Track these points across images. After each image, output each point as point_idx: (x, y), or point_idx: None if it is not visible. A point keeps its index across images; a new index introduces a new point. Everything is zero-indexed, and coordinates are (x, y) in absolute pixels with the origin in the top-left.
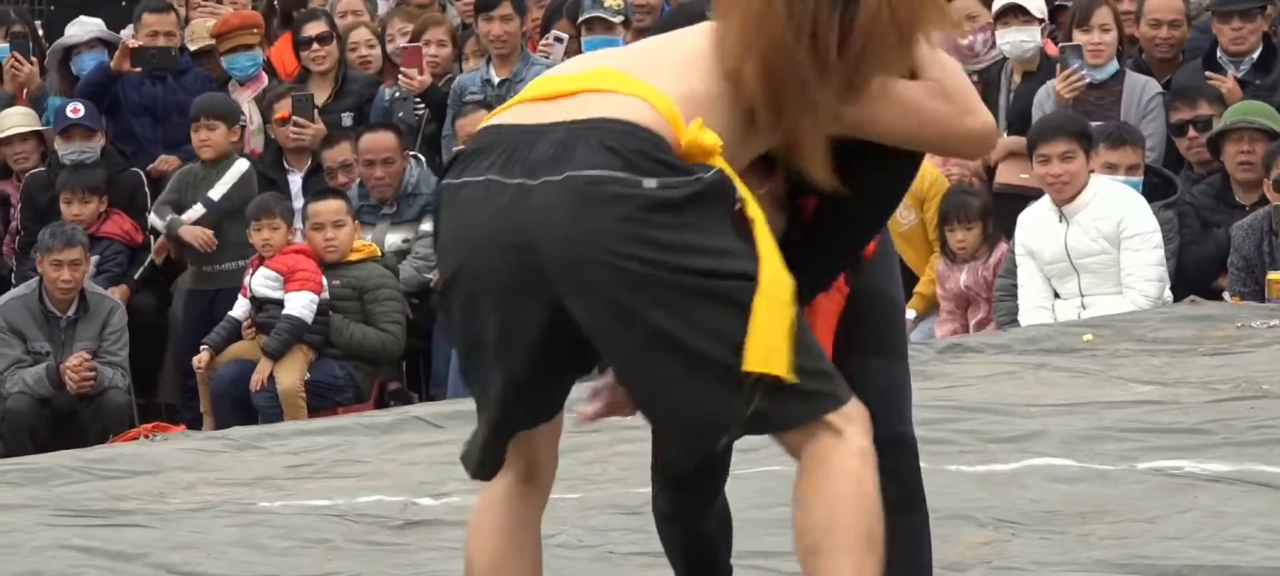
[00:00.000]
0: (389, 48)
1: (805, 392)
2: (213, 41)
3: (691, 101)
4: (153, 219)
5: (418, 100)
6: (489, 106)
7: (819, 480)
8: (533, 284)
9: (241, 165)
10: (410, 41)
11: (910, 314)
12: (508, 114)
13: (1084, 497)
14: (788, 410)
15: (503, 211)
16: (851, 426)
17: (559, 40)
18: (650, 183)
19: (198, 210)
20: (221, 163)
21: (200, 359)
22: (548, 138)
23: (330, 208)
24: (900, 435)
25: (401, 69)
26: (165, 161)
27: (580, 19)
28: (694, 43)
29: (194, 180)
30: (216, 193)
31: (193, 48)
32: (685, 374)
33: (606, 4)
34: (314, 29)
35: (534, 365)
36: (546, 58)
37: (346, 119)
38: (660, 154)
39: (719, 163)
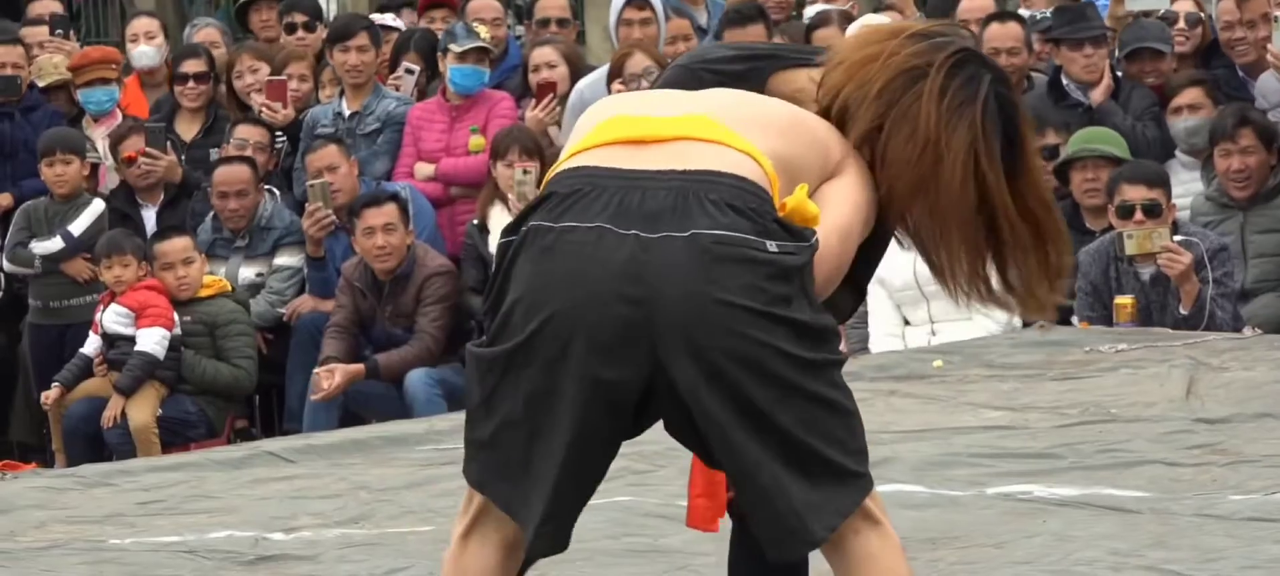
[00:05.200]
0: (237, 84)
1: (857, 474)
2: (64, 76)
3: (781, 164)
4: (7, 265)
5: (280, 133)
6: (339, 140)
7: None
8: (638, 341)
9: (98, 204)
10: (272, 75)
11: None
12: (597, 155)
13: (934, 523)
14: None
15: (620, 263)
16: (884, 512)
17: (410, 72)
18: (773, 246)
19: (57, 243)
20: (74, 199)
21: (49, 395)
22: (659, 187)
23: (177, 246)
24: None
25: (267, 102)
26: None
27: (458, 49)
28: (776, 105)
29: (44, 216)
30: (77, 227)
31: (42, 83)
32: (809, 482)
33: (481, 34)
34: (193, 66)
35: (603, 427)
36: (397, 90)
37: (215, 154)
38: (775, 216)
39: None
